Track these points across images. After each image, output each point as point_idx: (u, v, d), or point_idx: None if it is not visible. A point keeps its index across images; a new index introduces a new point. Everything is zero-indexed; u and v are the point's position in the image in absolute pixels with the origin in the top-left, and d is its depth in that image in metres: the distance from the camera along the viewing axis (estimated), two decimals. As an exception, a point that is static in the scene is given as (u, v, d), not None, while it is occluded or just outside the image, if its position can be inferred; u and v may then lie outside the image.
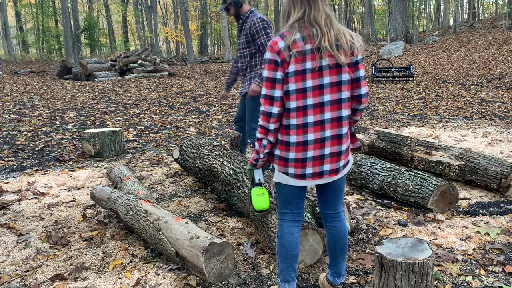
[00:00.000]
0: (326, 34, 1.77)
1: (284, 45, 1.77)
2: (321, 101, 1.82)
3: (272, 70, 1.79)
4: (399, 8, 23.42)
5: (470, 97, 10.43)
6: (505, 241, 2.73)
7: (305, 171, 1.88)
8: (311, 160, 1.87)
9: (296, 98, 1.81)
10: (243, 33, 3.93)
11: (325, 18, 1.79)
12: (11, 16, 41.41)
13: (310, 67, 1.78)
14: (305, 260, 2.47)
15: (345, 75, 1.82)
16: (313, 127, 1.84)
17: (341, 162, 1.92)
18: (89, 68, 17.59)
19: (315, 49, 1.77)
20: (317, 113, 1.83)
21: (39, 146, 5.96)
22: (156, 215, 2.66)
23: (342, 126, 1.87)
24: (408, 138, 4.50)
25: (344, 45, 1.79)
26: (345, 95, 1.85)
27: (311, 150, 1.86)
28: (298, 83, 1.79)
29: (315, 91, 1.81)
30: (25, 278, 2.42)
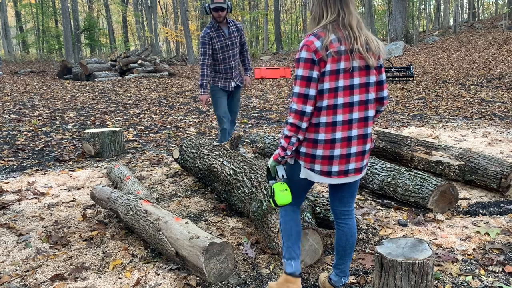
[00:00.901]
0: (358, 37, 1.84)
1: (321, 45, 1.80)
2: (350, 100, 1.88)
3: (309, 68, 1.81)
4: (399, 8, 23.41)
5: (470, 97, 10.43)
6: (505, 241, 2.73)
7: (331, 169, 1.93)
8: (338, 158, 1.91)
9: (328, 97, 1.85)
10: (236, 34, 4.59)
11: (357, 22, 1.86)
12: (11, 16, 41.41)
13: (343, 67, 1.84)
14: (305, 260, 2.47)
15: (372, 77, 1.91)
16: (342, 126, 1.89)
17: (364, 161, 1.99)
18: (89, 68, 17.59)
19: (349, 50, 1.83)
20: (346, 112, 1.88)
21: (39, 146, 5.96)
22: (156, 215, 2.66)
23: (368, 126, 1.94)
24: (408, 138, 4.50)
25: (374, 48, 1.88)
26: (371, 96, 1.92)
27: (338, 148, 1.90)
28: (332, 82, 1.84)
29: (345, 91, 1.87)
30: (25, 278, 2.42)
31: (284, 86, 14.75)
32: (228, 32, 4.54)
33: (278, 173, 2.02)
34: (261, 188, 2.97)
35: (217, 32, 4.50)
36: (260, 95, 12.37)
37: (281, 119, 8.16)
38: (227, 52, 4.57)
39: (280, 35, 38.63)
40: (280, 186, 2.00)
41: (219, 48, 4.53)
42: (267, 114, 8.77)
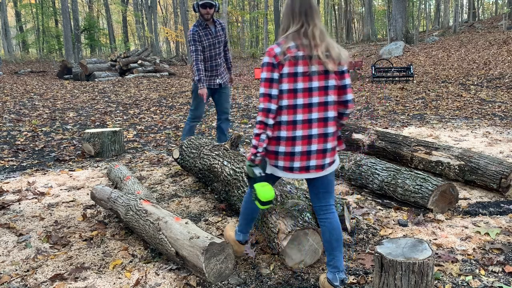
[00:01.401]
0: (318, 45, 2.04)
1: (280, 51, 2.03)
2: (309, 102, 2.06)
3: (270, 71, 2.03)
4: (399, 8, 23.41)
5: (470, 97, 10.43)
6: (505, 241, 2.73)
7: (293, 165, 2.09)
8: (299, 155, 2.08)
9: (288, 97, 2.04)
10: (221, 33, 4.73)
11: (319, 33, 2.06)
12: (11, 16, 41.40)
13: (302, 71, 2.03)
14: (305, 260, 2.47)
15: (331, 81, 2.07)
16: (302, 125, 2.06)
17: (326, 159, 2.12)
18: (89, 68, 17.59)
19: (307, 56, 2.03)
20: (305, 112, 2.06)
21: (39, 146, 5.96)
22: (156, 215, 2.66)
23: (328, 126, 2.10)
24: (408, 138, 4.50)
25: (334, 55, 2.05)
26: (331, 98, 2.09)
27: (299, 145, 2.07)
28: (290, 84, 2.03)
29: (304, 92, 2.05)
30: (25, 278, 2.42)
31: (284, 86, 14.72)
32: (215, 30, 4.66)
33: (255, 171, 2.11)
34: (261, 188, 2.97)
35: (204, 31, 4.59)
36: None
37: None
38: (213, 50, 4.68)
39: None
40: (261, 185, 2.10)
41: (207, 46, 4.62)
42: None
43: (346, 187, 3.88)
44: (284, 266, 2.49)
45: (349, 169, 3.94)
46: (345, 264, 2.51)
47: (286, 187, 2.95)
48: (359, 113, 8.54)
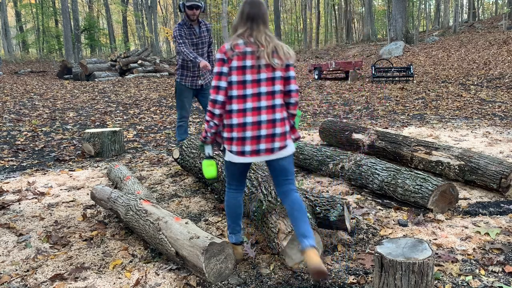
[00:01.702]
0: (265, 46, 2.28)
1: (229, 47, 2.28)
2: (258, 91, 2.29)
3: (220, 66, 2.28)
4: (399, 8, 23.41)
5: (470, 97, 10.42)
6: (505, 241, 2.73)
7: (245, 149, 2.30)
8: (249, 140, 2.29)
9: (237, 88, 2.27)
10: (206, 34, 4.75)
11: (265, 37, 2.31)
12: (11, 16, 41.40)
13: (250, 64, 2.27)
14: (305, 260, 2.47)
15: (278, 73, 2.31)
16: (251, 112, 2.28)
17: (275, 143, 2.31)
18: (89, 68, 17.59)
19: (255, 51, 2.28)
20: (255, 100, 2.29)
21: (39, 146, 5.96)
22: (156, 215, 2.66)
23: (275, 112, 2.31)
24: (408, 138, 4.50)
25: (281, 53, 2.31)
26: (277, 88, 2.31)
27: (249, 130, 2.28)
28: (239, 76, 2.27)
29: (253, 83, 2.28)
30: (25, 278, 2.42)
31: (284, 86, 14.73)
32: (199, 31, 4.69)
33: (206, 151, 2.44)
34: (261, 188, 2.97)
35: (189, 30, 4.62)
36: (260, 95, 12.35)
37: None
38: (196, 50, 4.72)
39: (280, 35, 38.61)
40: (207, 162, 2.42)
41: (190, 46, 4.64)
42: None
43: (346, 187, 3.88)
44: (284, 266, 2.49)
45: (349, 169, 3.94)
46: (345, 264, 2.51)
47: (286, 187, 2.95)
48: (359, 113, 8.54)
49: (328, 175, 4.17)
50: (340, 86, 14.21)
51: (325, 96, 11.71)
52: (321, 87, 14.06)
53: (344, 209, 2.71)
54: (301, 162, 4.47)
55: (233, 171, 2.43)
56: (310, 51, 33.18)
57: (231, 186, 2.50)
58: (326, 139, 5.59)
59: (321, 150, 4.37)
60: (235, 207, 2.51)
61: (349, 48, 29.35)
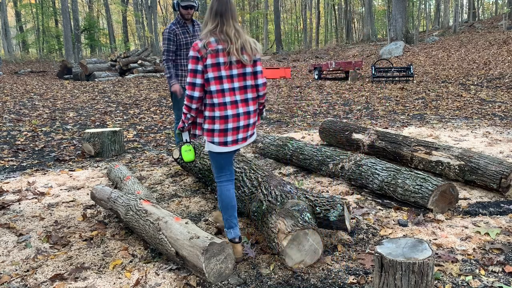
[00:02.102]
0: (234, 42, 2.43)
1: (202, 45, 2.41)
2: (232, 86, 2.47)
3: (195, 63, 2.42)
4: (399, 8, 23.41)
5: (470, 97, 10.43)
6: (505, 241, 2.73)
7: (227, 139, 2.50)
8: (231, 131, 2.49)
9: (215, 83, 2.43)
10: (199, 32, 4.59)
11: (234, 31, 2.46)
12: (11, 16, 41.39)
13: (223, 61, 2.43)
14: (305, 260, 2.47)
15: (248, 69, 2.50)
16: (230, 105, 2.46)
17: (249, 132, 2.58)
18: (89, 68, 17.59)
19: (226, 49, 2.42)
20: (231, 95, 2.47)
21: (39, 146, 5.96)
22: (156, 215, 2.66)
23: (249, 105, 2.53)
24: (408, 138, 4.50)
25: (248, 49, 2.47)
26: (249, 82, 2.52)
27: (230, 122, 2.48)
28: (215, 72, 2.43)
29: (228, 79, 2.46)
30: (25, 278, 2.42)
31: (284, 86, 14.75)
32: (193, 30, 4.66)
33: (183, 137, 2.62)
34: (261, 188, 2.97)
35: (182, 29, 4.61)
36: (260, 95, 12.35)
37: (281, 119, 8.15)
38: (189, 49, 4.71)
39: (280, 35, 38.61)
40: (185, 147, 2.59)
41: (184, 44, 4.62)
42: (267, 114, 8.76)
43: (346, 187, 3.87)
44: (284, 266, 2.49)
45: (349, 169, 3.94)
46: (345, 264, 2.51)
47: (286, 187, 2.95)
48: (359, 113, 8.54)
49: (328, 175, 4.17)
50: (340, 86, 14.21)
51: (325, 96, 11.71)
52: (321, 87, 14.06)
53: (344, 209, 2.71)
54: (301, 162, 4.47)
55: (219, 161, 2.57)
56: (310, 51, 33.18)
57: (222, 177, 2.62)
58: (326, 139, 5.59)
59: (321, 150, 4.37)
60: (229, 199, 2.60)
61: (349, 48, 29.36)
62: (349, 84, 15.00)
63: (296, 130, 6.87)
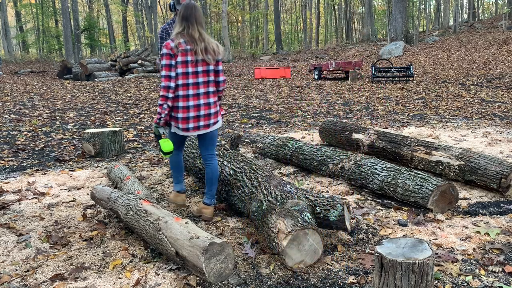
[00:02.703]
0: (198, 43, 2.93)
1: (174, 45, 2.90)
2: (197, 81, 2.97)
3: (169, 59, 2.90)
4: (399, 8, 23.41)
5: (470, 97, 10.43)
6: (505, 241, 2.73)
7: (188, 126, 3.01)
8: (192, 119, 2.99)
9: (182, 78, 2.93)
10: None
11: (198, 35, 2.94)
12: (11, 16, 41.39)
13: (190, 59, 2.93)
14: (305, 260, 2.47)
15: (210, 67, 3.02)
16: (193, 97, 2.97)
17: (211, 120, 3.06)
18: (89, 68, 17.59)
19: (193, 49, 2.91)
20: (195, 88, 2.97)
21: (39, 146, 5.96)
22: (156, 215, 2.66)
23: (210, 97, 3.04)
24: (408, 138, 4.50)
25: (210, 50, 2.97)
26: (211, 78, 3.03)
27: (192, 112, 2.98)
28: (183, 69, 2.92)
29: (193, 75, 2.95)
30: (25, 278, 2.42)
31: (284, 86, 14.75)
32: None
33: (160, 131, 3.02)
34: (261, 188, 2.97)
35: None
36: (260, 95, 12.37)
37: (281, 119, 8.16)
38: None
39: (280, 35, 38.61)
40: (163, 140, 2.95)
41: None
42: (267, 114, 8.77)
43: (346, 187, 3.87)
44: (284, 266, 2.49)
45: (349, 169, 3.94)
46: (345, 264, 2.51)
47: (286, 187, 2.95)
48: (359, 113, 8.54)
49: (328, 175, 4.17)
50: (340, 86, 14.21)
51: (325, 96, 11.71)
52: (321, 87, 14.06)
53: (344, 209, 2.71)
54: (301, 162, 4.47)
55: (176, 139, 3.15)
56: (310, 51, 33.18)
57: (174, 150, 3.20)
58: (326, 139, 5.59)
59: (321, 150, 4.37)
60: (177, 163, 3.27)
61: (349, 48, 29.36)
62: (349, 84, 15.00)
63: (296, 130, 6.87)
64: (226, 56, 27.99)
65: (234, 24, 40.70)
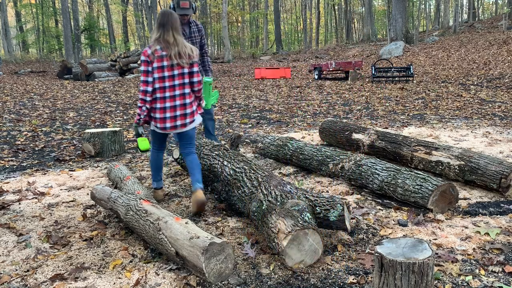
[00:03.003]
0: (172, 48, 3.14)
1: (151, 52, 3.15)
2: (173, 84, 3.21)
3: (146, 66, 3.16)
4: (399, 8, 23.41)
5: (470, 97, 10.43)
6: (505, 241, 2.73)
7: (165, 125, 3.26)
8: (169, 119, 3.24)
9: (159, 82, 3.19)
10: (197, 34, 4.83)
11: (173, 40, 3.15)
12: (11, 16, 41.40)
13: (166, 64, 3.16)
14: (305, 260, 2.47)
15: (185, 70, 3.23)
16: (169, 99, 3.22)
17: (187, 120, 3.30)
18: (89, 68, 17.59)
19: (168, 54, 3.14)
20: (171, 91, 3.21)
21: (39, 146, 5.96)
22: (156, 215, 2.66)
23: (186, 98, 3.26)
24: (408, 138, 4.50)
25: (184, 54, 3.18)
26: (186, 80, 3.25)
27: (168, 112, 3.23)
28: (159, 73, 3.18)
29: (169, 78, 3.19)
30: (25, 278, 2.42)
31: (284, 86, 14.75)
32: (189, 31, 4.76)
33: (139, 131, 3.33)
34: (261, 188, 2.97)
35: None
36: (260, 95, 12.37)
37: (281, 119, 8.16)
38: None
39: (280, 35, 38.62)
40: (140, 139, 3.31)
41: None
42: (267, 114, 8.77)
43: (346, 187, 3.87)
44: (284, 266, 2.49)
45: (349, 169, 3.94)
46: (345, 264, 2.51)
47: (286, 187, 2.95)
48: (359, 113, 8.54)
49: (328, 175, 4.17)
50: (340, 86, 14.21)
51: (325, 96, 11.71)
52: (321, 87, 14.06)
53: (344, 209, 2.71)
54: (301, 162, 4.47)
55: (156, 137, 3.45)
56: (310, 51, 33.18)
57: (155, 146, 3.52)
58: (326, 139, 5.59)
59: (321, 150, 4.37)
60: (157, 161, 3.54)
61: (349, 48, 29.36)
62: (349, 84, 15.00)
63: (296, 130, 6.87)
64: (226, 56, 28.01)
65: (234, 24, 40.70)
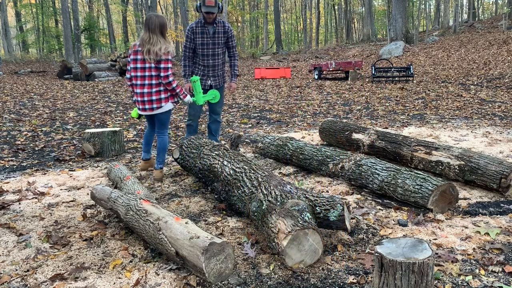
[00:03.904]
0: (146, 46, 3.90)
1: (132, 45, 4.04)
2: (143, 74, 3.98)
3: (129, 57, 4.03)
4: (399, 8, 23.41)
5: (470, 97, 10.43)
6: (505, 241, 2.73)
7: (139, 107, 4.10)
8: (140, 102, 4.06)
9: (133, 71, 4.02)
10: (221, 35, 4.84)
11: (148, 39, 3.90)
12: (11, 16, 41.39)
13: (139, 58, 3.97)
14: (305, 260, 2.47)
15: (152, 64, 3.92)
16: (139, 86, 4.01)
17: (153, 105, 4.04)
18: (89, 68, 17.59)
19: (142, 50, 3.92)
20: (141, 80, 3.99)
21: (39, 146, 5.96)
22: (156, 215, 2.66)
23: (152, 88, 3.99)
24: (408, 138, 4.50)
25: (152, 52, 3.88)
26: (153, 73, 3.96)
27: (139, 97, 4.04)
28: (134, 65, 4.02)
29: (141, 69, 3.97)
30: (25, 278, 2.42)
31: (284, 86, 14.75)
32: (213, 31, 4.78)
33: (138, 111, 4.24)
34: (261, 188, 2.97)
35: (201, 29, 4.74)
36: (260, 95, 12.37)
37: (281, 119, 8.15)
38: (207, 49, 4.82)
39: (280, 35, 38.62)
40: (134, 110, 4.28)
41: (200, 44, 4.78)
42: (267, 114, 8.77)
43: (346, 187, 3.87)
44: (284, 266, 2.49)
45: (349, 169, 3.94)
46: (345, 264, 2.51)
47: (286, 187, 2.95)
48: (359, 113, 8.54)
49: (328, 175, 4.17)
50: (340, 86, 14.21)
51: (325, 96, 11.71)
52: (321, 87, 14.06)
53: (344, 209, 2.71)
54: (301, 162, 4.47)
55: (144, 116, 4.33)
56: (310, 51, 33.18)
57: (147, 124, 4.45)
58: (326, 139, 5.59)
59: (321, 150, 4.37)
60: (148, 137, 4.45)
61: (349, 48, 29.36)
62: (349, 84, 15.00)
63: (296, 130, 6.87)
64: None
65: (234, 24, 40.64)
